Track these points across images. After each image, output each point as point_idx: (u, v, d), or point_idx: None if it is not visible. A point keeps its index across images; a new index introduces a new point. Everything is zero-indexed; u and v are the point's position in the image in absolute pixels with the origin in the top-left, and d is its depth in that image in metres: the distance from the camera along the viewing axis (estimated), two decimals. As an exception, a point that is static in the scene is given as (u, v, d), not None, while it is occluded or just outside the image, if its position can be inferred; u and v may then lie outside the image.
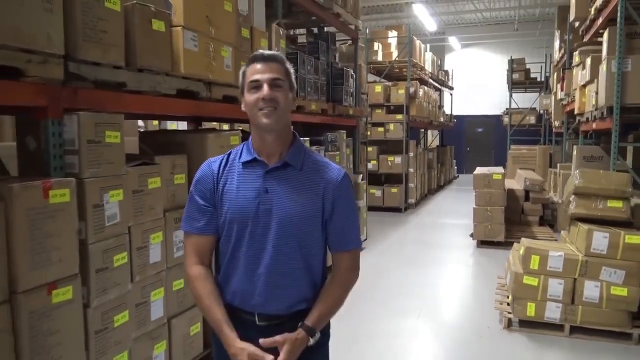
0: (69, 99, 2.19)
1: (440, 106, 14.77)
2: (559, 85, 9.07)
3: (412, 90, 10.33)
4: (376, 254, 6.63)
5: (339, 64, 6.59)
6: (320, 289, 1.67)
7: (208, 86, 3.17)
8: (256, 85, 1.56)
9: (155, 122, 6.32)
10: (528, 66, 14.53)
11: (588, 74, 5.59)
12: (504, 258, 5.37)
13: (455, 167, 17.63)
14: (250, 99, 1.57)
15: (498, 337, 3.97)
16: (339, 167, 1.70)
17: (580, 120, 6.46)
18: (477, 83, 18.68)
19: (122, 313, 2.48)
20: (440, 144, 16.33)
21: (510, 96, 14.11)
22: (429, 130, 15.14)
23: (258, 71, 1.57)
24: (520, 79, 14.22)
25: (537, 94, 14.51)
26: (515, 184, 8.44)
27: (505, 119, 14.95)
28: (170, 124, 6.63)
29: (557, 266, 3.95)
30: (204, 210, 1.64)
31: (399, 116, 10.09)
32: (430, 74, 12.85)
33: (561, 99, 8.67)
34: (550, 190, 8.43)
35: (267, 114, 1.54)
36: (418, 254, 6.75)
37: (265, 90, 1.54)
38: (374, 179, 10.10)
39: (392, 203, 10.03)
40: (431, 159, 12.60)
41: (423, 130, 14.48)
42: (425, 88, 11.83)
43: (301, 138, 1.75)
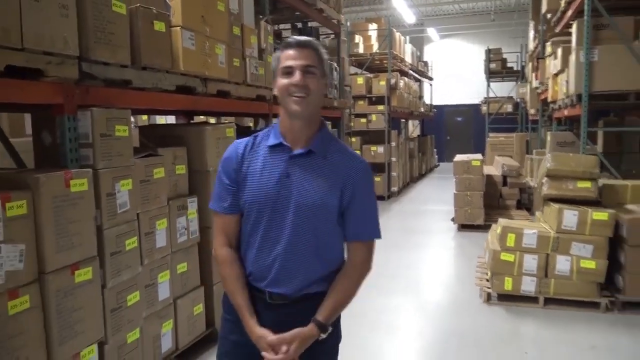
0: (82, 96, 2.38)
1: (421, 96, 15.01)
2: (534, 75, 9.31)
3: (393, 81, 10.56)
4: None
5: (323, 57, 6.76)
6: (336, 274, 1.66)
7: (204, 82, 3.37)
8: (289, 71, 1.56)
9: (144, 117, 6.46)
10: (505, 56, 14.84)
11: (559, 63, 5.87)
12: (483, 240, 5.65)
13: (436, 156, 17.93)
14: (282, 82, 1.56)
15: (479, 311, 4.27)
16: (362, 158, 1.70)
17: (553, 108, 6.74)
18: (456, 73, 18.92)
19: (134, 293, 2.70)
20: (421, 134, 16.62)
21: (488, 85, 14.45)
22: (410, 121, 15.40)
23: (291, 57, 1.56)
24: (497, 69, 14.55)
25: (514, 83, 14.85)
26: (494, 170, 8.74)
27: (484, 108, 15.30)
28: (159, 119, 6.77)
29: (532, 243, 4.25)
30: (229, 190, 1.65)
31: (380, 107, 10.31)
32: (410, 65, 13.07)
33: (536, 88, 8.93)
34: (527, 176, 8.75)
35: (298, 100, 1.55)
36: (401, 239, 6.98)
37: (297, 77, 1.54)
38: (358, 168, 10.30)
39: (376, 191, 10.22)
40: (412, 149, 12.86)
41: (404, 121, 14.75)
42: (406, 79, 12.06)
43: None
